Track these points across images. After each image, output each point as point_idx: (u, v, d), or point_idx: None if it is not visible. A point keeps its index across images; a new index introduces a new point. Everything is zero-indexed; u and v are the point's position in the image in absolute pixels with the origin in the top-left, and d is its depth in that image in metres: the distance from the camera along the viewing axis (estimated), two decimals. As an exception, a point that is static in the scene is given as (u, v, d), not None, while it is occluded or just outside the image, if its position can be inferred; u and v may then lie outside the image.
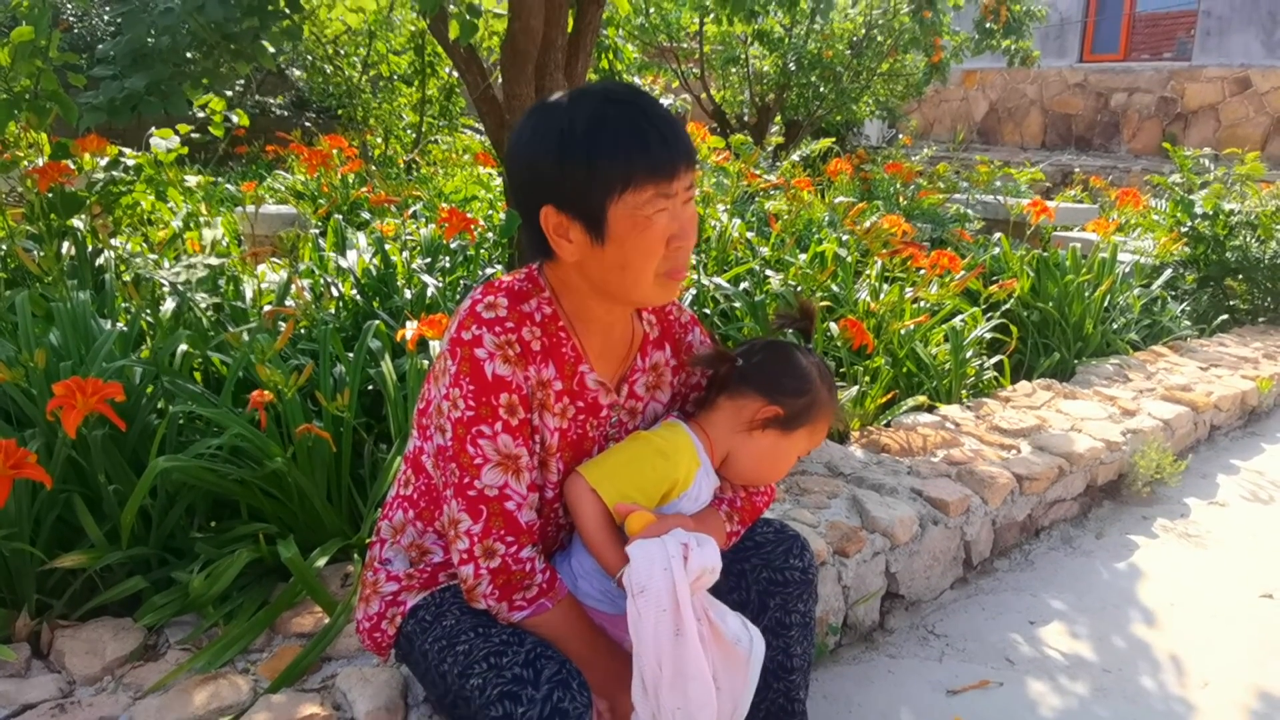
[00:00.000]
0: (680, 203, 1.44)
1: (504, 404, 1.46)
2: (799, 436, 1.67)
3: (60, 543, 2.13)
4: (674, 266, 1.47)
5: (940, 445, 3.15)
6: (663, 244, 1.44)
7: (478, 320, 1.47)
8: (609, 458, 1.59)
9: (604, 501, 1.54)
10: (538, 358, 1.51)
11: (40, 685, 1.84)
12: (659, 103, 1.47)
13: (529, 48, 3.33)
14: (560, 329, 1.54)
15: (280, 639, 2.01)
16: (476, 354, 1.45)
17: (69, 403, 1.80)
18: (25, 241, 3.16)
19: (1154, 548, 3.07)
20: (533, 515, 1.51)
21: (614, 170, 1.39)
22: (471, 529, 1.47)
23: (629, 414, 1.66)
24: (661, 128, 1.41)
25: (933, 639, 2.53)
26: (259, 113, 8.93)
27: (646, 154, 1.39)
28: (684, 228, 1.45)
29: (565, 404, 1.55)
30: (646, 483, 1.57)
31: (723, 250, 3.91)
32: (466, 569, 1.48)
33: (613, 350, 1.62)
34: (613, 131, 1.39)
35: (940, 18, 6.66)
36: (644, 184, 1.39)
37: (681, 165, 1.42)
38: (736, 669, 1.50)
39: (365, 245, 3.70)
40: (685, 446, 1.62)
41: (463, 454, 1.46)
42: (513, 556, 1.48)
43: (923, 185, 6.18)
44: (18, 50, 3.17)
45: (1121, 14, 13.51)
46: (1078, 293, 4.46)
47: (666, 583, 1.41)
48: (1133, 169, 11.97)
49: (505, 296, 1.50)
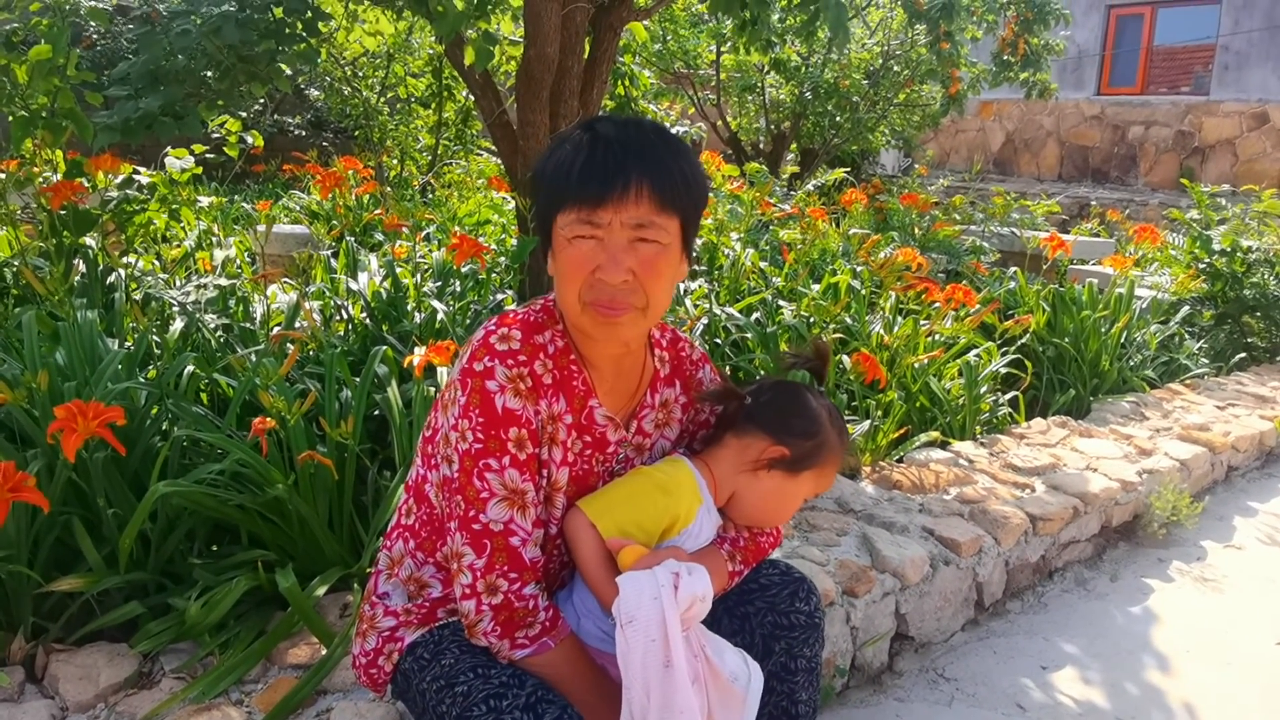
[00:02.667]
0: (616, 235, 1.41)
1: (513, 438, 1.44)
2: (805, 479, 1.64)
3: (58, 565, 2.11)
4: (596, 298, 1.44)
5: (953, 483, 3.10)
6: (582, 271, 1.43)
7: (490, 352, 1.45)
8: (609, 492, 1.57)
9: (602, 536, 1.51)
10: (549, 391, 1.49)
11: (32, 711, 1.81)
12: (648, 137, 1.44)
13: (544, 74, 3.33)
14: (572, 362, 1.53)
15: (276, 670, 1.97)
16: (488, 386, 1.43)
17: (69, 426, 1.78)
18: (35, 259, 3.16)
19: (1169, 591, 3.02)
20: (537, 552, 1.49)
21: (553, 188, 1.45)
22: (475, 563, 1.44)
23: (635, 450, 1.63)
24: (607, 158, 1.40)
25: (942, 682, 2.48)
26: (277, 132, 8.98)
27: (575, 177, 1.41)
28: (612, 259, 1.41)
29: (574, 438, 1.53)
30: (646, 518, 1.54)
31: (735, 280, 3.89)
32: (468, 604, 1.45)
33: (623, 385, 1.60)
34: (566, 152, 1.44)
35: (958, 49, 6.66)
36: (570, 206, 1.42)
37: (613, 198, 1.39)
38: (733, 706, 1.46)
39: (376, 268, 3.69)
40: (687, 482, 1.59)
41: (469, 487, 1.44)
42: (515, 593, 1.45)
43: (938, 217, 6.15)
44: (35, 68, 3.18)
45: (1139, 47, 13.53)
46: (1094, 329, 4.42)
47: (655, 613, 1.38)
48: (1149, 202, 11.94)
49: (519, 328, 1.48)
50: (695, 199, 1.48)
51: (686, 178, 1.45)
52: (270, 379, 2.16)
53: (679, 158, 1.45)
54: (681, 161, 1.45)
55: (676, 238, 1.45)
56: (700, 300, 3.66)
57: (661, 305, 1.49)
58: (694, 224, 1.50)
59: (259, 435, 2.00)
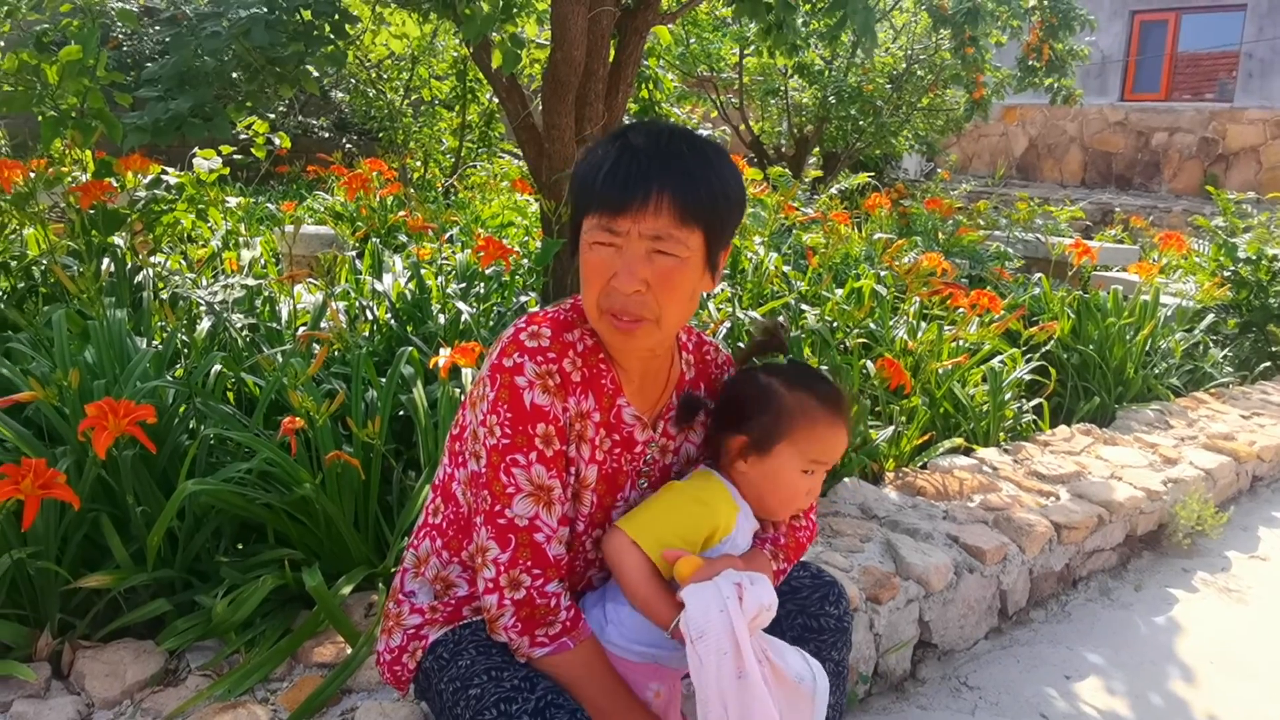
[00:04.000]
0: (634, 245, 1.40)
1: (540, 434, 1.45)
2: (782, 453, 1.58)
3: (86, 562, 2.12)
4: (611, 307, 1.43)
5: (977, 490, 3.09)
6: (599, 277, 1.43)
7: (520, 348, 1.46)
8: (646, 509, 1.56)
9: (646, 554, 1.51)
10: (577, 389, 1.49)
11: (59, 708, 1.82)
12: (677, 147, 1.43)
13: (570, 78, 3.33)
14: (601, 360, 1.53)
15: (301, 668, 1.98)
16: (517, 382, 1.44)
17: (100, 424, 1.80)
18: (64, 258, 3.19)
19: (1194, 602, 2.99)
20: (561, 550, 1.49)
21: (580, 192, 1.46)
22: (499, 557, 1.45)
23: (661, 451, 1.63)
24: (632, 166, 1.40)
25: (965, 691, 2.47)
26: (301, 133, 9.02)
27: (599, 184, 1.41)
28: (627, 269, 1.40)
29: (602, 436, 1.53)
30: (687, 529, 1.53)
31: (759, 284, 3.88)
32: (490, 598, 1.46)
33: (652, 386, 1.61)
34: (597, 158, 1.44)
35: (982, 54, 6.63)
36: (593, 212, 1.42)
37: (633, 207, 1.38)
38: (801, 707, 1.46)
39: (401, 269, 3.71)
40: (720, 492, 1.59)
41: (495, 481, 1.45)
42: (538, 590, 1.45)
43: (962, 222, 6.12)
44: (66, 69, 3.21)
45: (1163, 54, 13.44)
46: (1119, 336, 4.38)
47: (724, 624, 1.37)
48: (1173, 209, 11.84)
49: (549, 326, 1.49)
50: (722, 213, 1.45)
51: (714, 191, 1.43)
52: (299, 379, 2.17)
53: (709, 170, 1.43)
54: (711, 174, 1.43)
55: (698, 252, 1.43)
56: (723, 304, 3.66)
57: (676, 318, 1.47)
58: (721, 238, 1.47)
59: (288, 435, 2.01)
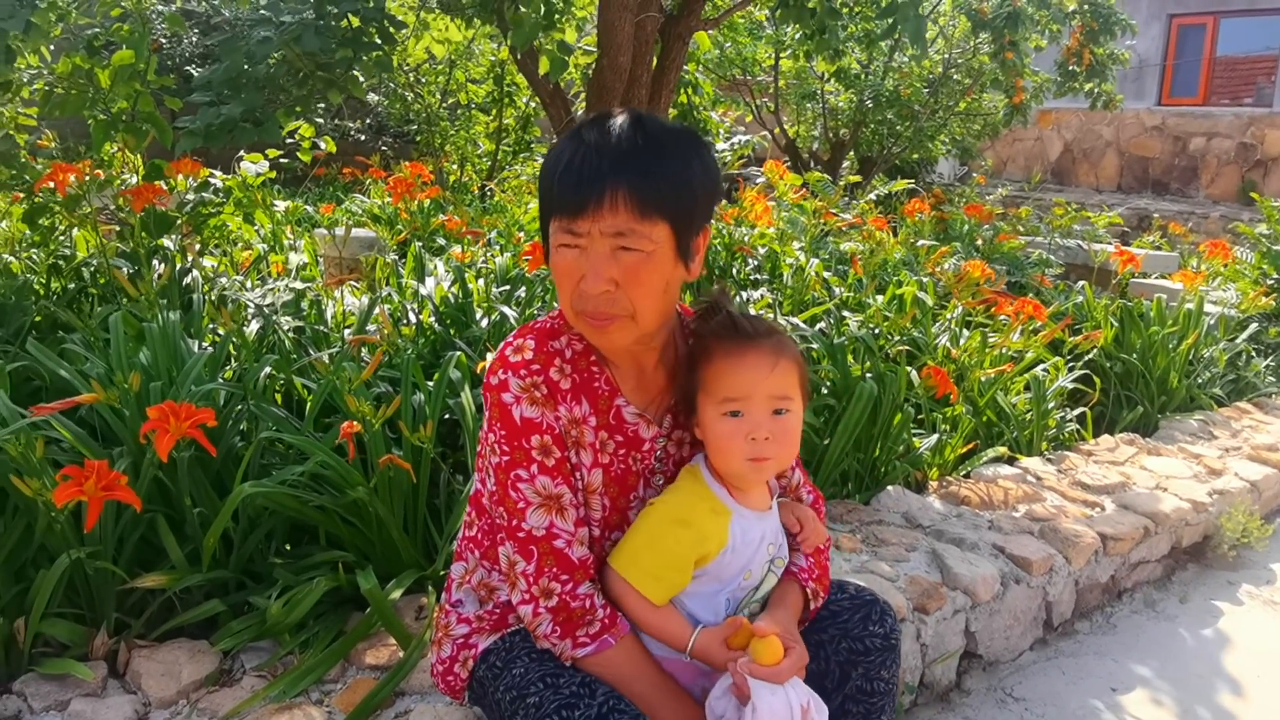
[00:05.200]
0: (596, 245, 1.38)
1: (537, 446, 1.46)
2: (703, 406, 1.52)
3: (141, 562, 2.15)
4: (584, 308, 1.42)
5: (1022, 500, 3.06)
6: (569, 281, 1.42)
7: (505, 365, 1.47)
8: (629, 540, 1.54)
9: (645, 595, 1.50)
10: (567, 395, 1.49)
11: (116, 706, 1.85)
12: (632, 141, 1.39)
13: (615, 83, 3.35)
14: (592, 363, 1.52)
15: (354, 670, 2.00)
16: (504, 398, 1.45)
17: (162, 426, 1.82)
18: (117, 260, 3.24)
19: (1239, 615, 2.95)
20: (584, 551, 1.50)
21: (542, 194, 1.46)
22: (526, 570, 1.47)
23: (676, 445, 1.61)
24: (584, 166, 1.37)
25: (1010, 702, 2.45)
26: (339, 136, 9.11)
27: (555, 186, 1.40)
28: (593, 271, 1.38)
29: (604, 438, 1.53)
30: (674, 557, 1.51)
31: (799, 290, 3.87)
32: (526, 609, 1.48)
33: (651, 380, 1.58)
34: (553, 158, 1.43)
35: (1022, 59, 6.57)
36: (555, 214, 1.41)
37: (589, 208, 1.36)
38: None
39: (444, 272, 3.73)
40: (703, 500, 1.54)
41: (506, 498, 1.47)
42: (569, 594, 1.47)
43: (1002, 228, 6.07)
44: (118, 73, 3.26)
45: (1201, 58, 13.28)
46: (1163, 345, 4.34)
47: None
48: (1211, 215, 11.70)
49: (534, 338, 1.49)
50: (687, 202, 1.42)
51: (674, 180, 1.40)
52: (353, 383, 2.19)
53: (665, 159, 1.40)
54: (669, 162, 1.40)
55: (665, 243, 1.41)
56: (764, 310, 3.65)
57: (651, 312, 1.44)
58: (690, 226, 1.44)
59: (346, 439, 2.03)
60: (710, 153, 1.50)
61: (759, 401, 1.49)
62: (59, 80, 3.43)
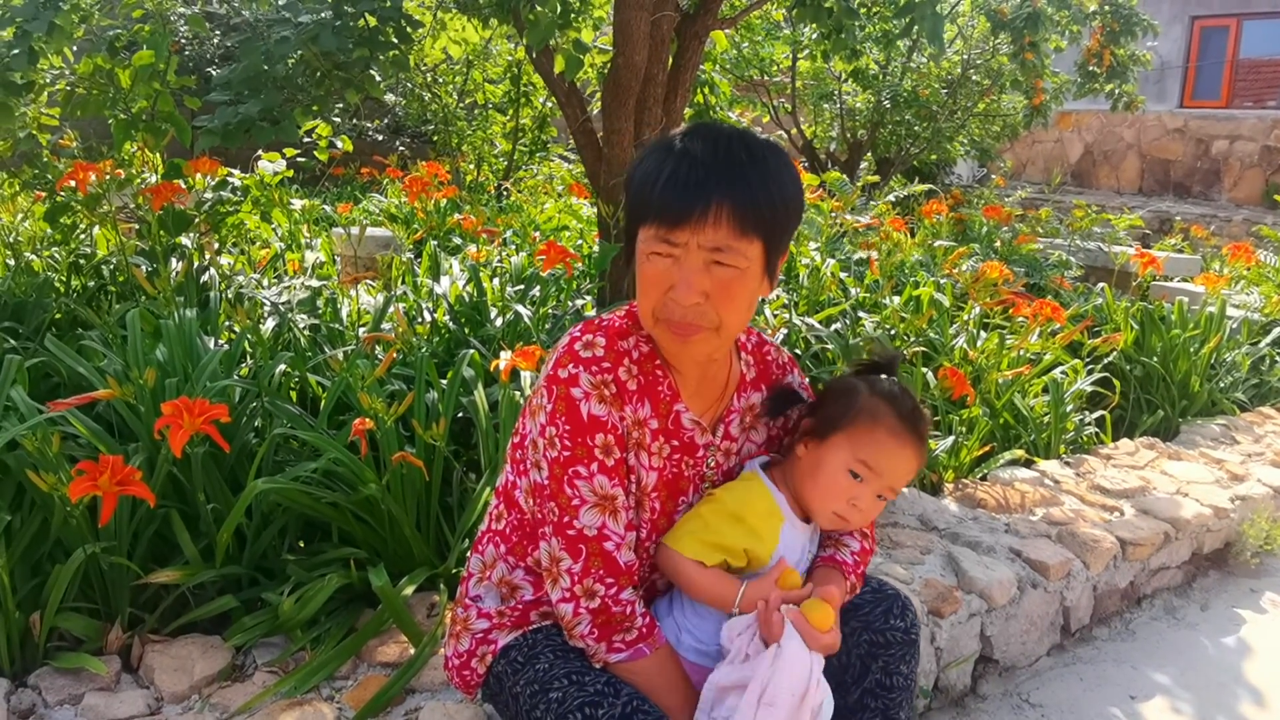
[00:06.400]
0: (692, 257, 1.38)
1: (600, 444, 1.45)
2: (836, 443, 1.57)
3: (155, 557, 2.16)
4: (668, 317, 1.42)
5: (1039, 503, 3.04)
6: (657, 288, 1.42)
7: (575, 359, 1.46)
8: (685, 522, 1.57)
9: (691, 558, 1.53)
10: (633, 397, 1.49)
11: (129, 700, 1.86)
12: (736, 156, 1.39)
13: (631, 82, 3.34)
14: (657, 367, 1.53)
15: (365, 667, 2.00)
16: (573, 393, 1.44)
17: (176, 422, 1.83)
18: (136, 258, 3.26)
19: (1262, 623, 2.91)
20: (631, 555, 1.49)
21: (636, 200, 1.44)
22: (572, 568, 1.46)
23: (724, 455, 1.63)
24: (690, 177, 1.37)
25: (1027, 708, 2.43)
26: (356, 136, 9.14)
27: (656, 195, 1.39)
28: (685, 282, 1.39)
29: (661, 443, 1.53)
30: (725, 540, 1.54)
31: (815, 290, 3.86)
32: (566, 607, 1.47)
33: (709, 389, 1.60)
34: (653, 165, 1.41)
35: (1041, 60, 6.53)
36: (650, 223, 1.40)
37: (692, 220, 1.36)
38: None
39: (459, 271, 3.73)
40: (761, 502, 1.57)
41: (560, 494, 1.45)
42: (613, 598, 1.46)
43: (1021, 230, 6.03)
44: (138, 73, 3.28)
45: (1224, 60, 13.15)
46: (1184, 348, 4.29)
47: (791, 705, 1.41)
48: (1234, 218, 11.59)
49: (603, 335, 1.49)
50: (781, 222, 1.43)
51: (773, 200, 1.40)
52: (366, 380, 2.19)
53: (768, 178, 1.40)
54: (770, 182, 1.40)
55: (757, 261, 1.42)
56: (779, 310, 3.64)
57: (736, 326, 1.46)
58: (779, 246, 1.46)
59: (359, 436, 2.03)
60: (798, 172, 1.52)
61: (882, 484, 1.58)
62: (80, 81, 3.46)
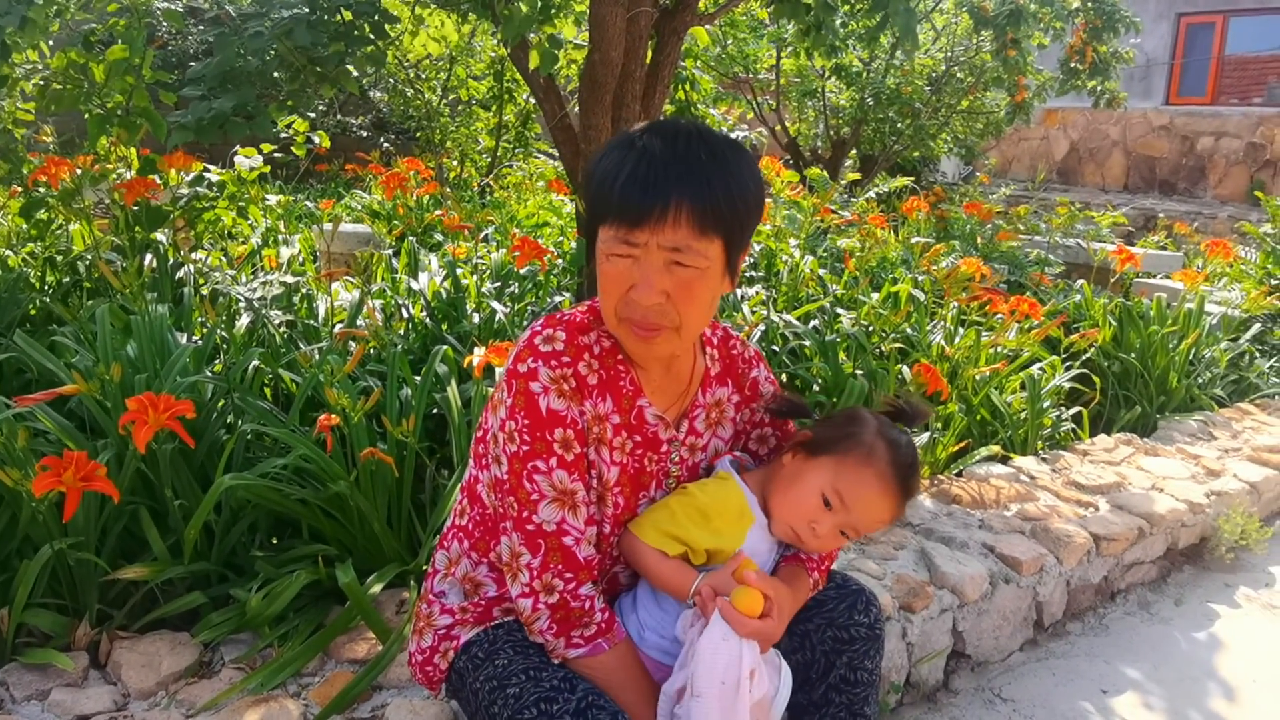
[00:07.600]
0: (652, 257, 1.37)
1: (559, 439, 1.44)
2: (821, 464, 1.56)
3: (124, 553, 2.16)
4: (629, 316, 1.42)
5: (1014, 499, 3.04)
6: (617, 288, 1.41)
7: (534, 353, 1.46)
8: (651, 512, 1.57)
9: (653, 546, 1.52)
10: (594, 391, 1.49)
11: (96, 697, 1.86)
12: (695, 154, 1.37)
13: (607, 79, 3.33)
14: (620, 362, 1.52)
15: (333, 664, 2.00)
16: (531, 387, 1.44)
17: (141, 418, 1.82)
18: (108, 254, 3.24)
19: (1236, 618, 2.93)
20: (591, 551, 1.49)
21: (596, 200, 1.43)
22: (531, 563, 1.45)
23: (689, 450, 1.63)
24: (648, 176, 1.35)
25: (999, 703, 2.43)
26: (340, 132, 9.11)
27: (615, 194, 1.37)
28: (646, 282, 1.38)
29: (624, 438, 1.53)
30: (690, 537, 1.53)
31: (794, 287, 3.86)
32: (525, 602, 1.47)
33: (673, 384, 1.59)
34: (611, 163, 1.40)
35: (1024, 56, 6.54)
36: (609, 222, 1.39)
37: (650, 220, 1.35)
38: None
39: (437, 268, 3.72)
40: (733, 504, 1.56)
41: (519, 488, 1.45)
42: (571, 593, 1.46)
43: (1002, 227, 6.04)
44: (112, 67, 3.26)
45: (1210, 56, 13.21)
46: (1162, 344, 4.31)
47: (725, 699, 1.40)
48: (1219, 215, 11.64)
49: (564, 329, 1.49)
50: (742, 220, 1.42)
51: (733, 198, 1.39)
52: (335, 376, 2.18)
53: (728, 176, 1.39)
54: (730, 180, 1.39)
55: (718, 260, 1.41)
56: (757, 307, 3.64)
57: (697, 325, 1.46)
58: (740, 244, 1.45)
59: (324, 432, 2.02)
60: (758, 168, 1.50)
61: (849, 520, 1.56)
62: (55, 75, 3.44)
